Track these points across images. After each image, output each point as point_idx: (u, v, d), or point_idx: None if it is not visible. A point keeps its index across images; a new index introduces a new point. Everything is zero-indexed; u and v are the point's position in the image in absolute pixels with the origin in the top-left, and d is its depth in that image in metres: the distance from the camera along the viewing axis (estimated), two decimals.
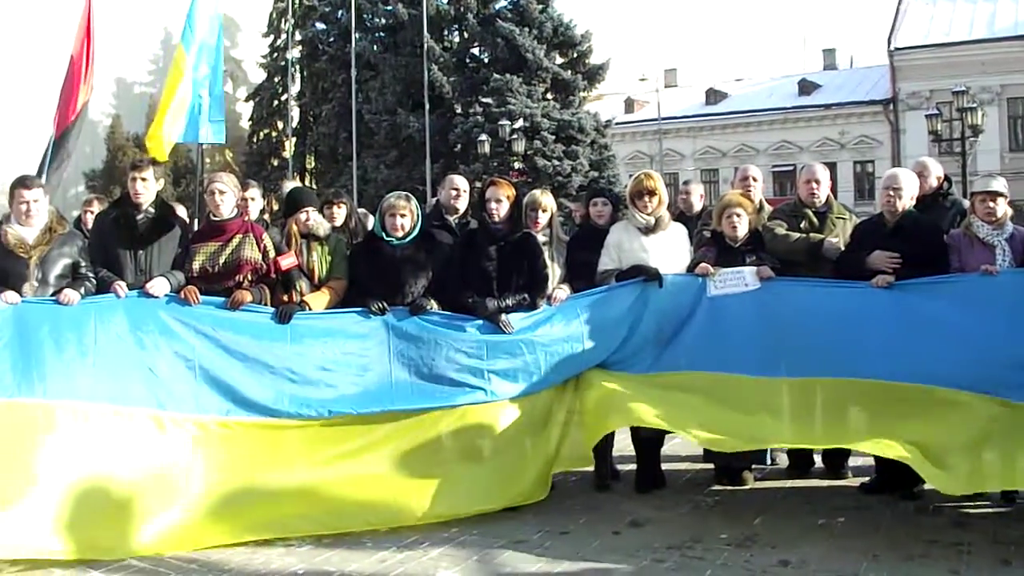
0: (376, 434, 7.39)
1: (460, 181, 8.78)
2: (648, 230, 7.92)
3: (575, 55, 41.84)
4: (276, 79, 43.25)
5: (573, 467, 8.08)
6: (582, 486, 8.23)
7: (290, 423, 7.25)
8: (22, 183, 7.32)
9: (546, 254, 7.89)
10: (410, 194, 8.03)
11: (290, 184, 11.83)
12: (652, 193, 7.95)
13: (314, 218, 7.92)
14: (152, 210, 7.65)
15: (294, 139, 40.48)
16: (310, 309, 7.51)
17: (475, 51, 42.53)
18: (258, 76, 41.35)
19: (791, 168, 51.06)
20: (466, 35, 42.37)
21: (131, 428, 6.90)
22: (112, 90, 21.77)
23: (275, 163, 40.15)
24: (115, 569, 6.39)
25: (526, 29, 39.56)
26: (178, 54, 12.06)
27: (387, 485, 7.36)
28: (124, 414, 6.90)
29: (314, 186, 36.71)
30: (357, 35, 41.46)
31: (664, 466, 8.29)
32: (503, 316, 7.51)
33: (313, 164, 42.59)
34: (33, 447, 6.57)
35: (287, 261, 7.66)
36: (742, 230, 7.83)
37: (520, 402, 7.53)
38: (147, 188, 7.61)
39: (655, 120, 55.21)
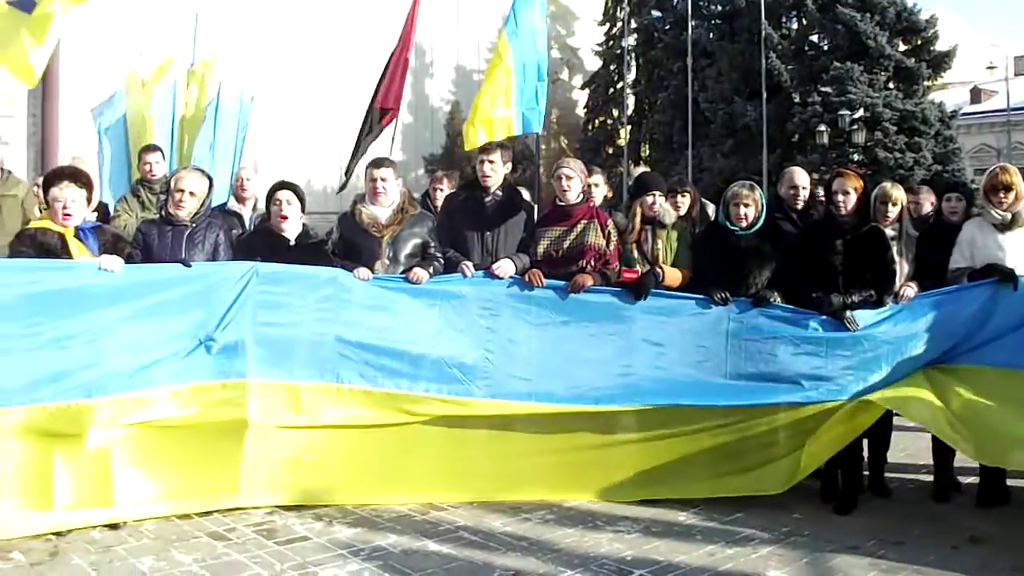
0: (708, 425, 7.33)
1: (801, 177, 8.54)
2: (1003, 227, 7.44)
3: (919, 42, 40.10)
4: (611, 67, 43.54)
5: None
6: (920, 495, 7.86)
7: (621, 409, 7.32)
8: (373, 163, 7.68)
9: (894, 249, 7.55)
10: (755, 183, 7.88)
11: (640, 169, 11.86)
12: (1008, 188, 7.44)
13: (660, 203, 7.91)
14: (500, 193, 7.85)
15: (629, 127, 40.67)
16: (663, 278, 7.54)
17: (814, 38, 41.41)
18: (594, 64, 41.77)
19: None
20: (804, 22, 41.33)
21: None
22: (451, 77, 22.46)
23: (610, 151, 40.44)
24: (448, 540, 6.60)
25: (867, 15, 38.21)
26: (500, 41, 12.20)
27: (708, 472, 7.44)
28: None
29: None
30: (693, 22, 41.17)
31: (1009, 481, 7.72)
32: (848, 313, 7.24)
33: (648, 152, 42.66)
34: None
35: (628, 276, 7.67)
36: None
37: (859, 402, 7.23)
38: (495, 171, 7.80)
39: (1003, 111, 52.35)
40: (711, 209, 9.04)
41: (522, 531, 6.80)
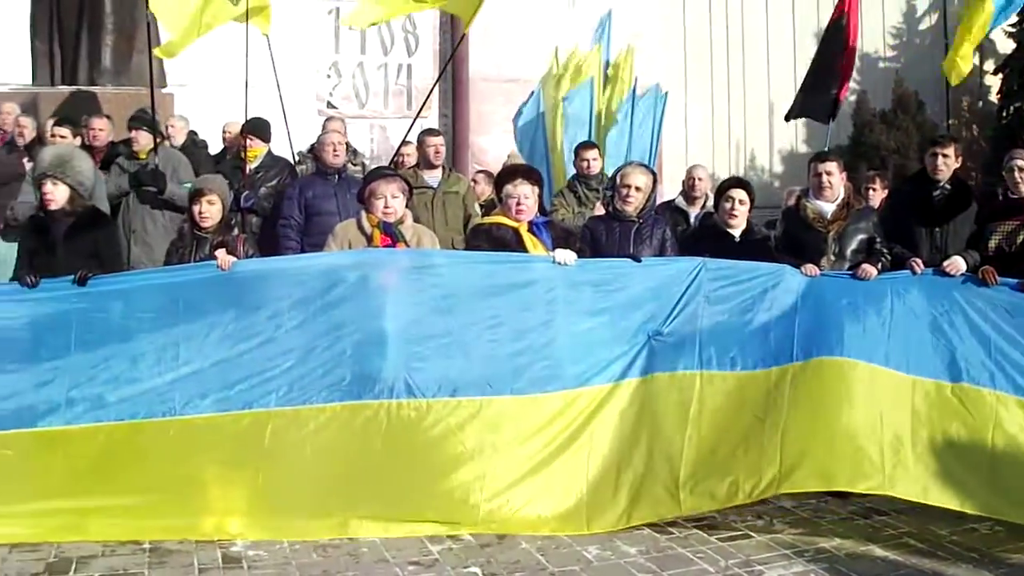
0: None
1: None
2: None
3: None
4: None
5: None
6: None
7: None
8: (817, 157, 7.66)
9: None
10: None
11: None
12: None
13: None
14: (948, 187, 7.63)
15: None
16: None
17: None
18: (1007, 46, 39.66)
19: None
20: None
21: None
22: (856, 65, 21.74)
23: None
24: (893, 545, 6.39)
25: None
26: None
27: None
28: (908, 382, 6.89)
29: None
30: None
31: None
32: None
33: None
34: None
35: None
36: None
37: None
38: (948, 166, 7.64)
39: None
40: None
41: (970, 542, 6.46)
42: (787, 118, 11.82)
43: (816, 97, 10.97)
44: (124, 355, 6.47)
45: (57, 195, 6.92)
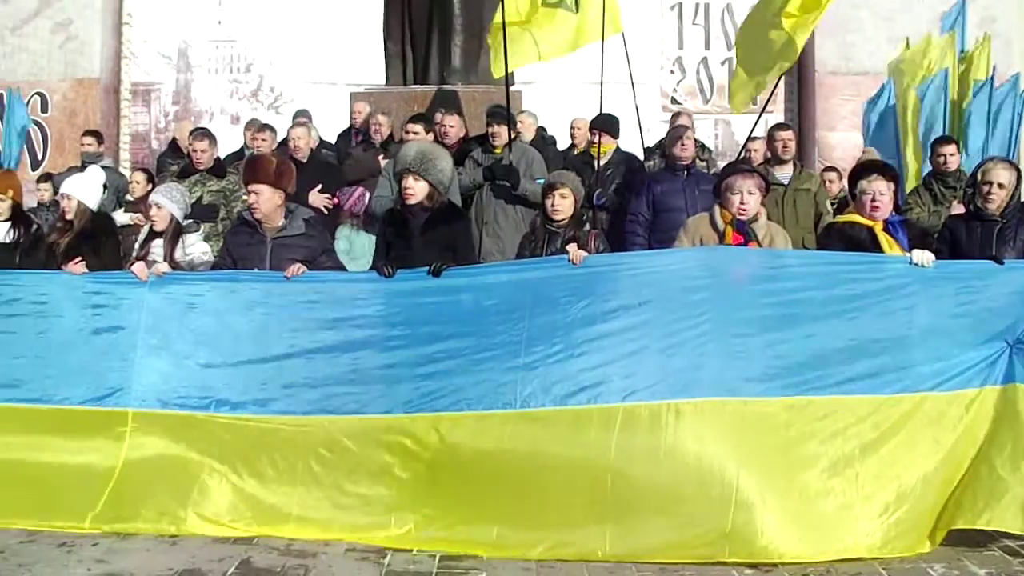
0: None
1: None
2: None
3: None
4: None
5: None
6: None
7: None
8: None
9: None
10: None
11: None
12: None
13: None
14: None
15: None
16: None
17: None
18: None
19: None
20: None
21: None
22: None
23: None
24: None
25: None
26: None
27: None
28: None
29: None
30: None
31: None
32: None
33: None
34: None
35: None
36: None
37: None
38: None
39: None
40: None
41: None
42: None
43: None
44: (472, 347, 6.56)
45: (417, 190, 7.22)
